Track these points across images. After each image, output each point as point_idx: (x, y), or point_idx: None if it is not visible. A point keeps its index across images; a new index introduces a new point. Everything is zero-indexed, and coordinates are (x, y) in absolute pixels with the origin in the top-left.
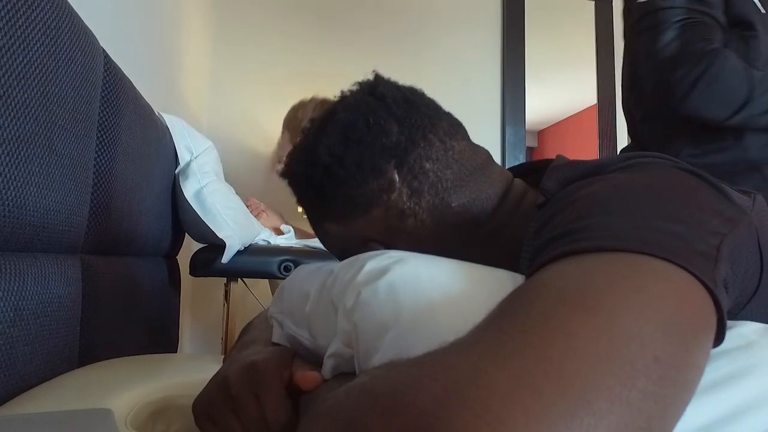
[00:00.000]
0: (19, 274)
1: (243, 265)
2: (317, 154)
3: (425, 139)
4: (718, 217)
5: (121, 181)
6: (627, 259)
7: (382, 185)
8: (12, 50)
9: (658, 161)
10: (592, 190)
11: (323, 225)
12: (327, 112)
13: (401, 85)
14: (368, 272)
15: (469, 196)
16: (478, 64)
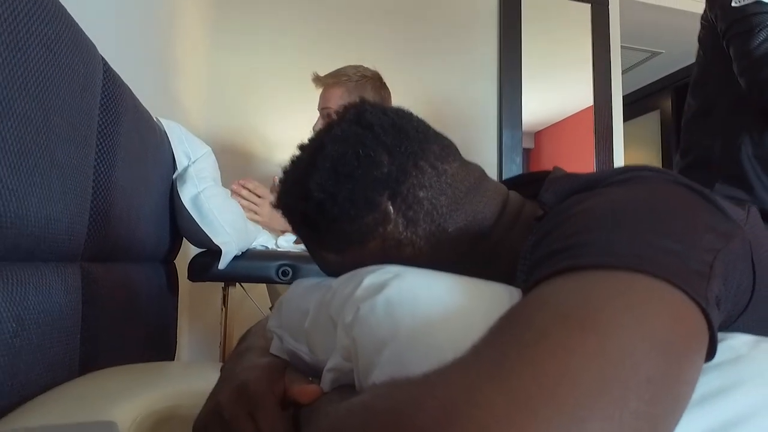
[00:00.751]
0: (21, 284)
1: (241, 270)
2: (309, 190)
3: (417, 167)
4: (712, 232)
5: (119, 188)
6: (623, 278)
7: (377, 218)
8: (13, 62)
9: (654, 175)
10: (589, 205)
11: (320, 254)
12: (315, 144)
13: (388, 109)
14: (366, 287)
15: (465, 218)
16: (474, 68)
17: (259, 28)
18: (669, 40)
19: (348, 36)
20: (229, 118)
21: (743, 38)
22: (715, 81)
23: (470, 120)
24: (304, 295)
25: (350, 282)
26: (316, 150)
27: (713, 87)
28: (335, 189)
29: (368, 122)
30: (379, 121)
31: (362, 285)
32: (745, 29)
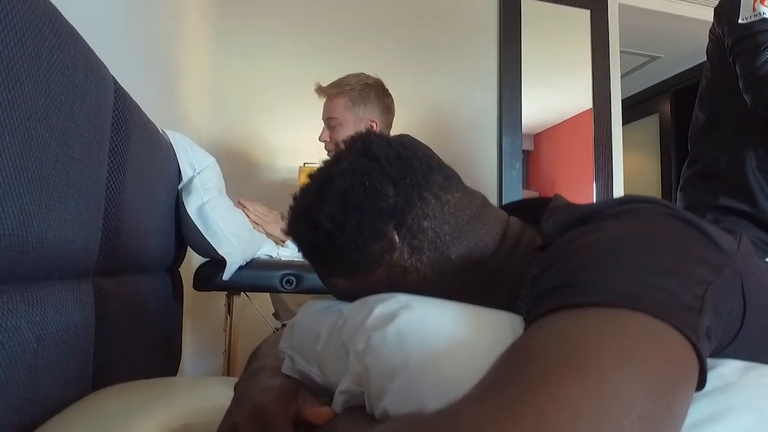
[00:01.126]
0: (41, 304)
1: (246, 279)
2: (319, 221)
3: (421, 197)
4: (704, 265)
5: (129, 203)
6: (618, 317)
7: (384, 247)
8: (36, 95)
9: (649, 207)
10: (587, 241)
11: (329, 279)
12: (324, 175)
13: (393, 141)
14: (377, 317)
15: (468, 246)
16: (474, 74)
17: (261, 36)
18: (667, 45)
19: (349, 44)
20: (231, 125)
21: (749, 55)
22: (721, 95)
23: (470, 126)
24: (316, 319)
25: (361, 310)
26: (324, 181)
27: (720, 101)
28: (343, 219)
29: (374, 155)
30: (385, 153)
31: (373, 314)
32: (751, 46)
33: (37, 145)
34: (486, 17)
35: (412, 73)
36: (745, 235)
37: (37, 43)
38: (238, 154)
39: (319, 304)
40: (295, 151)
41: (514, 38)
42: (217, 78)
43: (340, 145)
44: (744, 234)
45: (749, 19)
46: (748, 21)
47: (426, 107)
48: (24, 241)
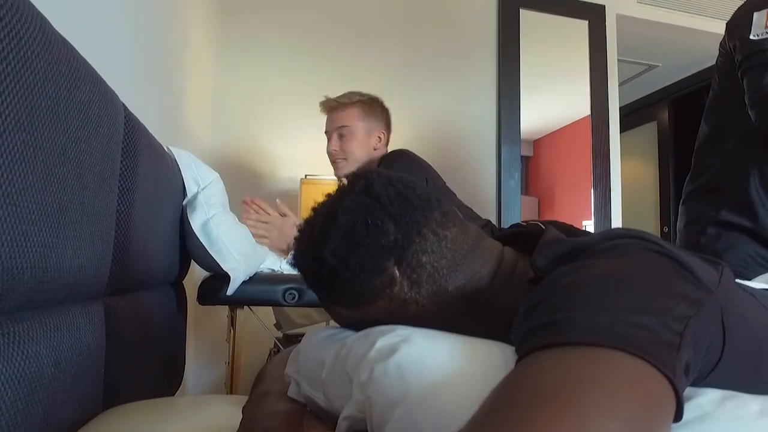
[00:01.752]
0: (57, 329)
1: (249, 294)
2: (323, 257)
3: (420, 234)
4: (684, 301)
5: (137, 224)
6: (599, 356)
7: (384, 281)
8: (55, 133)
9: (635, 243)
10: (574, 280)
11: (333, 308)
12: (328, 212)
13: (393, 178)
14: (379, 350)
15: (464, 278)
16: (473, 85)
17: (262, 50)
18: (665, 54)
19: (350, 56)
20: (233, 137)
21: (757, 71)
22: (727, 108)
23: (469, 135)
24: (321, 347)
25: (364, 342)
26: (329, 218)
27: (725, 114)
28: (347, 255)
29: (376, 193)
30: (386, 191)
31: (375, 347)
32: (761, 62)
33: (56, 180)
34: (485, 28)
35: (413, 83)
36: (727, 267)
37: (56, 84)
38: (240, 165)
39: (323, 332)
40: (296, 163)
41: (512, 49)
42: (219, 91)
43: (349, 157)
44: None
45: (761, 35)
46: (759, 38)
47: (426, 117)
48: (44, 271)
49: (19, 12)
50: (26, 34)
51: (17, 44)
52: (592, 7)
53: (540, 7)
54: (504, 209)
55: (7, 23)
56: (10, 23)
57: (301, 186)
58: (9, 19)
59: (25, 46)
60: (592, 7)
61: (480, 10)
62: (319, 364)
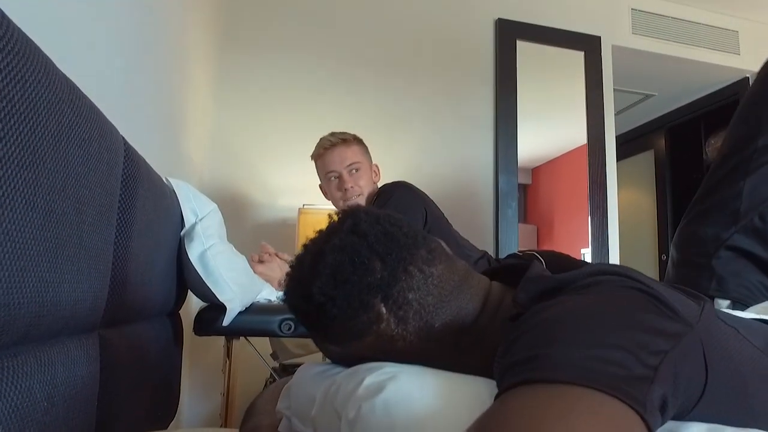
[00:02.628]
0: (51, 363)
1: (245, 324)
2: (311, 294)
3: (406, 272)
4: (660, 335)
5: (135, 256)
6: (569, 394)
7: (372, 318)
8: (56, 170)
9: (615, 279)
10: (548, 317)
11: (322, 344)
12: (317, 250)
13: (381, 217)
14: (367, 387)
15: (450, 314)
16: (471, 115)
17: (261, 81)
18: (661, 83)
19: (348, 89)
20: (232, 166)
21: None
22: (747, 130)
23: (467, 165)
24: (311, 383)
25: (352, 379)
26: (317, 256)
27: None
28: (334, 293)
29: (363, 232)
30: (373, 230)
31: (363, 384)
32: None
33: (56, 216)
34: (482, 59)
35: (410, 113)
36: (709, 302)
37: (58, 123)
38: (238, 195)
39: (314, 368)
40: (294, 193)
41: (509, 79)
42: (218, 121)
43: (363, 194)
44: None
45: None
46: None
47: (423, 146)
48: (41, 306)
49: (25, 56)
50: (31, 77)
51: (22, 87)
52: (587, 39)
53: (536, 39)
54: (501, 238)
55: (14, 67)
56: (16, 67)
57: (299, 216)
58: (16, 63)
59: (30, 88)
60: (587, 39)
61: (477, 40)
62: (309, 401)
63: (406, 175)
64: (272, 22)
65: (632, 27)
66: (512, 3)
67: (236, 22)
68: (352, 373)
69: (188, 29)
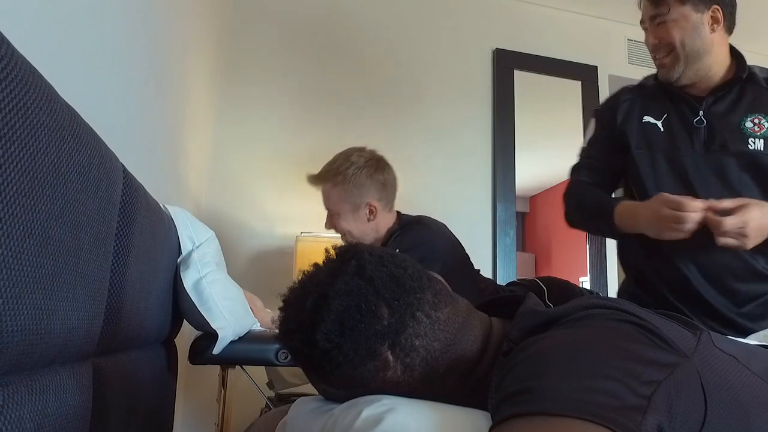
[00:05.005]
0: (43, 392)
1: (241, 352)
2: (315, 340)
3: (414, 318)
4: (653, 365)
5: (132, 283)
6: (560, 425)
7: (378, 365)
8: (54, 197)
9: (607, 313)
10: (538, 350)
11: (322, 386)
12: (319, 294)
13: (385, 258)
14: (365, 420)
15: (455, 357)
16: (469, 144)
17: (259, 108)
18: None
19: (346, 115)
20: (230, 194)
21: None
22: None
23: (465, 193)
24: (307, 419)
25: (350, 412)
26: (320, 300)
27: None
28: (340, 340)
29: (369, 276)
30: (379, 274)
31: (361, 417)
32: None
33: (53, 243)
34: (480, 88)
35: (409, 141)
36: (705, 331)
37: (58, 150)
38: (235, 223)
39: (309, 404)
40: (292, 220)
41: (507, 109)
42: (216, 149)
43: (347, 236)
44: (704, 332)
45: None
46: None
47: (422, 175)
48: (34, 333)
49: (27, 83)
50: (33, 105)
51: (24, 114)
52: (584, 68)
53: (534, 69)
54: (500, 267)
55: (16, 95)
56: (18, 95)
57: (296, 243)
58: (18, 90)
59: (31, 116)
60: (584, 68)
61: (475, 71)
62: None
63: (404, 203)
64: (271, 51)
65: (628, 57)
66: (510, 33)
67: (235, 51)
68: (349, 406)
69: (188, 57)
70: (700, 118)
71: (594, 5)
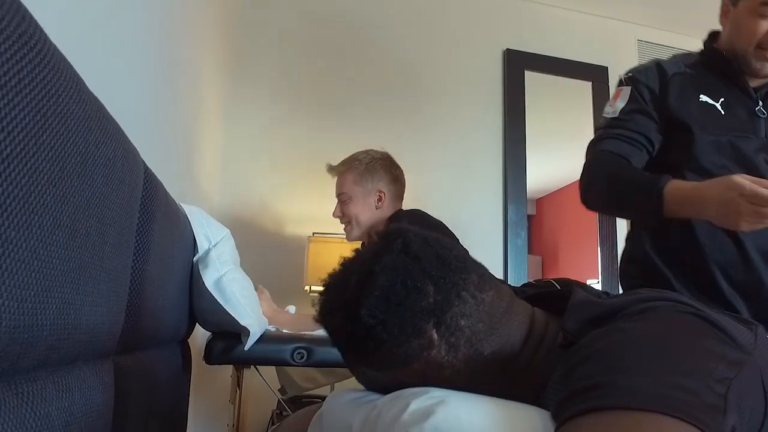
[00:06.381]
0: (69, 389)
1: (257, 353)
2: (359, 316)
3: (459, 297)
4: (723, 362)
5: (151, 281)
6: (645, 421)
7: (422, 344)
8: (82, 188)
9: (668, 305)
10: (611, 343)
11: (360, 368)
12: (363, 270)
13: (430, 239)
14: (413, 413)
15: (499, 342)
16: (480, 145)
17: (271, 110)
18: None
19: (358, 117)
20: (241, 195)
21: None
22: None
23: (476, 195)
24: (346, 410)
25: (396, 404)
26: (365, 276)
27: None
28: (385, 316)
29: (415, 254)
30: (425, 252)
31: (409, 409)
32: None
33: (80, 236)
34: (491, 89)
35: (420, 142)
36: (761, 327)
37: (86, 140)
38: (248, 222)
39: (348, 395)
40: (304, 220)
41: (518, 109)
42: (228, 149)
43: (353, 221)
44: (759, 326)
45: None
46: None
47: (433, 176)
48: (62, 328)
49: (59, 71)
50: (64, 93)
51: (56, 102)
52: (594, 69)
53: (544, 69)
54: (511, 268)
55: (48, 82)
56: (50, 82)
57: (308, 243)
58: (50, 78)
59: (62, 104)
60: (594, 69)
61: (486, 71)
62: (345, 429)
63: (415, 205)
64: (282, 51)
65: (638, 57)
66: (520, 34)
67: (245, 52)
68: (394, 398)
69: (199, 56)
70: (761, 107)
71: (604, 5)
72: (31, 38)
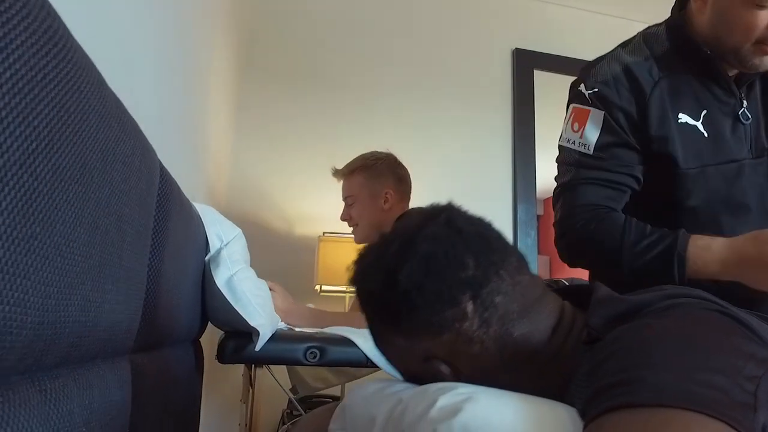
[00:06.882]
0: (89, 387)
1: (270, 352)
2: (397, 279)
3: (497, 275)
4: (751, 360)
5: (166, 279)
6: (675, 418)
7: (456, 314)
8: (102, 185)
9: (694, 302)
10: (638, 339)
11: (388, 337)
12: (405, 239)
13: (473, 218)
14: (441, 409)
15: (529, 327)
16: (489, 144)
17: (281, 109)
18: None
19: (367, 116)
20: (252, 193)
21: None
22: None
23: (485, 194)
24: (370, 402)
25: (422, 399)
26: (406, 244)
27: None
28: (423, 281)
29: (458, 228)
30: (468, 228)
31: (436, 405)
32: None
33: (100, 233)
34: (500, 88)
35: (429, 141)
36: None
37: (106, 135)
38: (257, 222)
39: (371, 386)
40: (315, 220)
41: (527, 109)
42: (237, 148)
43: (360, 223)
44: None
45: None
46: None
47: (442, 175)
48: (83, 326)
49: (80, 67)
50: (86, 88)
51: (78, 97)
52: None
53: (553, 68)
54: None
55: (71, 77)
56: (73, 77)
57: (319, 243)
58: (73, 73)
59: (83, 99)
60: None
61: (495, 70)
62: (368, 421)
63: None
64: (292, 52)
65: None
66: (529, 33)
67: (256, 52)
68: (420, 393)
69: (211, 54)
70: (744, 110)
71: (613, 4)
72: (56, 33)
